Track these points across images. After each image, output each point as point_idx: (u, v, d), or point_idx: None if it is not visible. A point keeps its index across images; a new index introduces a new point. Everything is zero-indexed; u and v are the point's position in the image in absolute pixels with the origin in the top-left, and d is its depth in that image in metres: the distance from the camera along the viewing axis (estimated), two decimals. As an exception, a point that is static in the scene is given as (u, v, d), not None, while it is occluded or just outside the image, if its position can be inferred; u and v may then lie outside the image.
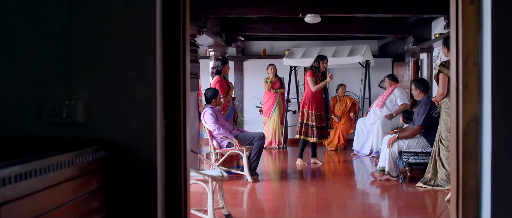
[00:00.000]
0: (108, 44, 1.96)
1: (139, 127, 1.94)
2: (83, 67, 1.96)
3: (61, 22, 1.95)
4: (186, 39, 2.10)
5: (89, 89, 1.96)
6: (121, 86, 1.95)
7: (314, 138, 7.18)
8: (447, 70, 5.33)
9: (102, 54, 1.96)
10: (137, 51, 1.95)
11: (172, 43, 2.04)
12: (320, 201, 5.22)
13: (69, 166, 1.56)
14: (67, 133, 1.94)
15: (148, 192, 1.94)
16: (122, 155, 1.93)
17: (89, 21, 1.96)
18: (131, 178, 1.94)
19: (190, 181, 4.15)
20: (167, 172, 2.04)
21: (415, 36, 8.65)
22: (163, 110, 2.03)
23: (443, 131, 5.46)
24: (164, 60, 2.03)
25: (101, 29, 1.96)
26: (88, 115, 1.95)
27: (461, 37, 1.94)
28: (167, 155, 2.04)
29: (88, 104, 1.95)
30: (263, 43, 10.83)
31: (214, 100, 6.20)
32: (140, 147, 1.94)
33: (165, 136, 2.04)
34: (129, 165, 1.93)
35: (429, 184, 5.58)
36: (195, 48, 6.50)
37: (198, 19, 6.54)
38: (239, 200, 5.47)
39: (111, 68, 1.96)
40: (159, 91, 1.98)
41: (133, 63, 1.95)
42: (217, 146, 6.22)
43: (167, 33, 2.03)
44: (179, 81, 2.04)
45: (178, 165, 2.05)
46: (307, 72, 7.35)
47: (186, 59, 2.10)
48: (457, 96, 1.96)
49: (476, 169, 1.92)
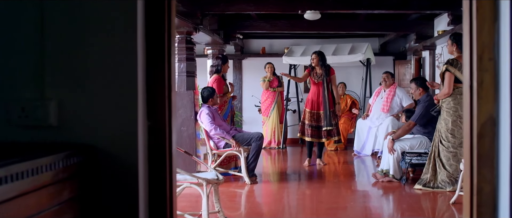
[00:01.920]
0: (85, 40, 1.77)
1: (119, 129, 1.76)
2: (56, 64, 1.77)
3: (32, 15, 1.76)
4: (172, 34, 1.91)
5: (63, 88, 1.77)
6: (99, 85, 1.77)
7: (309, 138, 6.97)
8: (454, 69, 5.14)
9: (77, 50, 1.77)
10: (116, 47, 1.76)
11: (155, 38, 1.85)
12: (320, 204, 5.04)
13: (33, 175, 1.37)
14: (39, 137, 1.75)
15: (129, 201, 1.75)
16: (99, 161, 1.74)
17: (63, 13, 1.77)
18: (109, 187, 1.75)
19: (184, 184, 3.99)
20: (150, 178, 1.85)
21: (417, 33, 8.46)
22: (146, 111, 1.84)
23: (443, 131, 5.27)
24: (147, 56, 1.84)
25: (77, 23, 1.77)
26: (62, 117, 1.76)
27: (475, 29, 1.75)
28: (151, 160, 1.85)
29: (62, 104, 1.76)
30: (262, 41, 10.65)
31: (210, 99, 6.02)
32: (120, 152, 1.75)
33: (149, 139, 1.85)
34: (108, 172, 1.74)
35: (429, 186, 5.39)
36: (191, 46, 6.32)
37: (194, 16, 6.36)
38: (236, 203, 5.29)
39: (87, 66, 1.77)
40: (140, 90, 1.79)
41: (111, 60, 1.77)
42: (214, 147, 6.04)
43: (150, 26, 1.84)
44: (164, 79, 1.85)
45: (162, 170, 1.86)
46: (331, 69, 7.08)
47: (171, 54, 1.91)
48: (471, 94, 1.77)
49: (493, 175, 1.73)
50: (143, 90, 1.82)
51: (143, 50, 1.82)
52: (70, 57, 1.77)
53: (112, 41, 1.77)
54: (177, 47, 6.24)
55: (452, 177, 5.27)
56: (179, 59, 6.24)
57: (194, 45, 6.42)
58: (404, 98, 8.03)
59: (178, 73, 6.23)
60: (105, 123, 1.76)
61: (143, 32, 1.82)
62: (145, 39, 1.84)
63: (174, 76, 1.94)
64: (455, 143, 5.23)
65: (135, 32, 1.76)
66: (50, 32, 1.76)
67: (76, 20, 1.77)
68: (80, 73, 1.77)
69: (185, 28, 6.12)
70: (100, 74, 1.77)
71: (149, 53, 1.85)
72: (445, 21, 7.27)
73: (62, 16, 1.77)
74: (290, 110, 10.10)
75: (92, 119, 1.76)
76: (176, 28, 6.12)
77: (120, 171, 1.75)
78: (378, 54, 10.31)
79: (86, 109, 1.76)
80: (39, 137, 1.75)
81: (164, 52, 1.86)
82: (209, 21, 7.79)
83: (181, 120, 6.18)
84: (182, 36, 6.21)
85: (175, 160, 1.93)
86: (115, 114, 1.76)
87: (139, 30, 1.78)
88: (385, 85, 8.12)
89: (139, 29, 1.79)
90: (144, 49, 1.83)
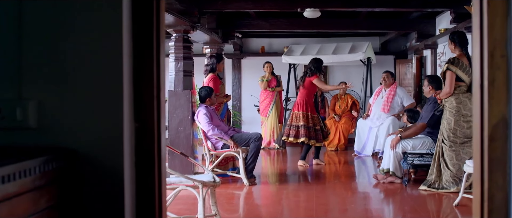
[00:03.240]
0: (67, 37, 1.65)
1: (103, 132, 1.64)
2: (36, 62, 1.65)
3: (9, 9, 1.64)
4: (161, 30, 1.79)
5: (43, 87, 1.64)
6: (81, 84, 1.64)
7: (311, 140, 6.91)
8: (455, 67, 5.03)
9: (59, 48, 1.65)
10: (100, 44, 1.64)
11: (143, 34, 1.73)
12: (320, 206, 4.91)
13: (4, 183, 1.25)
14: (17, 140, 1.63)
15: (113, 210, 1.63)
16: (81, 166, 1.62)
17: (43, 9, 1.64)
18: (92, 194, 1.63)
19: (179, 187, 3.87)
20: (138, 185, 1.73)
21: (418, 32, 8.33)
22: (133, 112, 1.72)
23: (445, 131, 5.16)
24: (134, 54, 1.72)
25: (58, 19, 1.65)
26: (42, 119, 1.64)
27: (486, 24, 1.63)
28: (138, 164, 1.73)
29: (41, 105, 1.64)
30: (261, 40, 10.52)
31: (208, 99, 5.89)
32: (104, 156, 1.63)
33: (136, 142, 1.73)
34: (90, 178, 1.62)
35: (434, 187, 5.27)
36: (188, 45, 6.19)
37: (191, 14, 6.23)
38: (234, 205, 5.17)
39: (69, 64, 1.65)
40: (127, 89, 1.67)
41: (95, 58, 1.64)
42: (211, 148, 5.92)
43: (137, 22, 1.72)
44: (152, 78, 1.73)
45: (151, 176, 1.74)
46: (313, 76, 6.94)
47: (161, 52, 1.78)
48: (481, 94, 1.65)
49: (505, 181, 1.61)
50: (130, 90, 1.70)
51: (129, 48, 1.70)
52: (51, 55, 1.65)
53: (95, 38, 1.64)
54: (174, 46, 6.12)
55: (456, 177, 5.15)
56: (176, 58, 6.12)
57: (192, 44, 6.29)
58: (405, 98, 7.91)
59: (175, 72, 6.11)
60: (88, 125, 1.63)
61: (129, 29, 1.70)
62: (132, 36, 1.71)
63: (164, 74, 1.82)
64: (456, 142, 5.12)
65: (120, 28, 1.64)
66: (29, 28, 1.64)
67: (57, 17, 1.65)
68: (62, 72, 1.65)
69: (182, 27, 6.00)
70: (83, 73, 1.64)
71: (137, 51, 1.73)
72: (447, 19, 7.14)
73: (42, 12, 1.64)
74: (289, 109, 9.96)
75: (74, 121, 1.64)
76: (173, 27, 5.99)
77: (104, 177, 1.63)
78: (379, 53, 10.19)
79: (67, 110, 1.64)
80: (16, 140, 1.63)
81: (152, 50, 1.73)
82: (207, 20, 7.66)
83: (178, 121, 6.06)
84: (179, 35, 6.08)
85: (164, 164, 1.80)
86: (99, 116, 1.64)
87: (125, 26, 1.66)
88: (385, 84, 8.01)
89: (125, 24, 1.66)
90: (130, 47, 1.70)
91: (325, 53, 9.03)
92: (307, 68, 7.08)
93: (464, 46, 5.16)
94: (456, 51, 5.19)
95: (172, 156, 6.03)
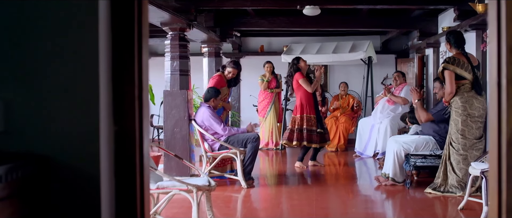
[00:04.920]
0: (38, 30, 1.48)
1: (78, 136, 1.47)
2: (2, 59, 1.48)
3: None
4: (143, 23, 1.62)
5: (10, 87, 1.48)
6: (54, 83, 1.48)
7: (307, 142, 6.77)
8: (453, 66, 4.88)
9: (29, 43, 1.48)
10: (75, 39, 1.47)
11: (123, 30, 1.56)
12: (320, 210, 4.75)
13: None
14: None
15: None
16: (54, 174, 1.45)
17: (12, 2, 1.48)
18: (64, 205, 1.46)
19: (172, 191, 3.70)
20: (117, 194, 1.56)
21: (420, 30, 8.15)
22: (113, 114, 1.55)
23: (453, 133, 4.99)
24: (113, 51, 1.55)
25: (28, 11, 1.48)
26: (9, 121, 1.47)
27: (504, 17, 1.46)
28: (118, 171, 1.56)
29: (9, 106, 1.47)
30: (260, 39, 10.35)
31: (213, 99, 5.72)
32: (78, 162, 1.47)
33: (115, 147, 1.56)
34: (63, 187, 1.46)
35: (439, 190, 5.10)
36: (184, 43, 6.02)
37: (188, 11, 6.06)
38: (232, 209, 5.00)
39: (41, 61, 1.48)
40: (104, 90, 1.50)
41: (69, 55, 1.48)
42: (208, 149, 5.75)
43: (116, 16, 1.55)
44: (133, 77, 1.56)
45: (132, 184, 1.57)
46: (296, 74, 6.79)
47: (143, 48, 1.62)
48: (499, 94, 1.48)
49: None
50: (108, 90, 1.53)
51: (107, 44, 1.53)
52: (19, 51, 1.48)
53: (70, 34, 1.48)
54: (170, 44, 5.95)
55: (461, 182, 4.99)
56: (171, 57, 5.95)
57: (188, 42, 6.13)
58: (404, 94, 7.81)
59: (170, 71, 5.95)
60: (61, 128, 1.47)
61: (107, 23, 1.53)
62: (111, 32, 1.55)
63: (147, 73, 1.65)
64: (465, 145, 4.94)
65: (96, 23, 1.47)
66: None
67: (27, 11, 1.48)
68: (32, 70, 1.48)
69: (178, 25, 5.83)
70: (56, 71, 1.48)
71: (116, 48, 1.56)
72: (450, 17, 6.97)
73: (9, 5, 1.48)
74: (289, 109, 9.80)
75: (45, 124, 1.47)
76: (169, 25, 5.82)
77: (78, 186, 1.46)
78: (380, 52, 10.02)
79: (38, 111, 1.48)
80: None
81: (133, 46, 1.57)
82: (205, 18, 7.49)
83: (174, 121, 5.90)
84: (175, 33, 5.92)
85: (147, 171, 1.63)
86: (73, 118, 1.48)
87: (102, 21, 1.50)
88: (395, 84, 8.03)
89: (102, 19, 1.50)
90: (109, 43, 1.54)
91: (325, 52, 8.86)
92: (289, 71, 6.92)
93: (461, 46, 5.01)
94: (452, 50, 5.06)
95: (168, 158, 5.87)
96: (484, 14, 5.24)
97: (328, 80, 10.18)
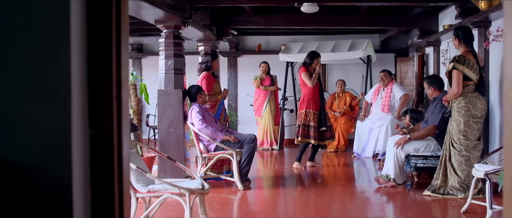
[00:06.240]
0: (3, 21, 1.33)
1: (47, 140, 1.32)
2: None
3: None
4: (123, 15, 1.46)
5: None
6: (21, 81, 1.33)
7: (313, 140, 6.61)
8: (462, 66, 4.71)
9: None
10: (43, 31, 1.32)
11: (99, 20, 1.41)
12: (319, 213, 4.61)
13: None
14: None
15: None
16: (23, 183, 1.30)
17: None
18: (34, 217, 1.31)
19: (164, 195, 3.55)
20: (93, 203, 1.41)
21: (420, 28, 8.00)
22: (88, 115, 1.40)
23: (455, 133, 4.84)
24: (89, 45, 1.40)
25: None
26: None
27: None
28: (94, 179, 1.41)
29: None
30: (258, 38, 10.19)
31: (199, 95, 5.58)
32: (50, 169, 1.32)
33: (91, 151, 1.41)
34: (34, 198, 1.30)
35: (439, 193, 4.96)
36: (179, 42, 5.87)
37: (183, 9, 5.91)
38: (228, 211, 4.86)
39: (5, 56, 1.33)
40: (77, 88, 1.35)
41: (36, 46, 1.33)
42: (204, 150, 5.60)
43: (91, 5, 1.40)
44: (111, 73, 1.41)
45: (109, 193, 1.42)
46: (300, 68, 6.71)
47: (122, 43, 1.46)
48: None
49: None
50: (82, 88, 1.38)
51: (82, 36, 1.38)
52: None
53: (37, 26, 1.32)
54: (164, 42, 5.80)
55: (463, 184, 4.84)
56: (166, 55, 5.80)
57: (183, 41, 5.97)
58: (397, 91, 7.66)
59: (165, 70, 5.79)
60: (28, 131, 1.32)
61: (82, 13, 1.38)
62: (86, 24, 1.40)
63: (126, 70, 1.50)
64: (468, 146, 4.80)
65: (68, 10, 1.32)
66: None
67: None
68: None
69: (172, 22, 5.67)
70: (22, 67, 1.33)
71: (91, 41, 1.41)
72: (451, 15, 6.83)
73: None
74: (287, 109, 9.66)
75: (10, 126, 1.32)
76: (163, 22, 5.67)
77: (48, 195, 1.31)
78: (379, 51, 9.87)
79: (4, 113, 1.32)
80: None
81: (110, 39, 1.42)
82: (201, 16, 7.33)
83: (168, 121, 5.75)
84: (170, 31, 5.76)
85: (127, 179, 1.48)
86: (43, 120, 1.32)
87: (74, 9, 1.34)
88: (383, 84, 7.79)
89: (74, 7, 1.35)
90: (83, 37, 1.39)
91: (324, 51, 8.71)
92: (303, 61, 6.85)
93: (470, 42, 4.84)
94: (460, 47, 4.88)
95: (162, 159, 5.72)
96: (487, 11, 5.09)
97: (327, 79, 10.03)
